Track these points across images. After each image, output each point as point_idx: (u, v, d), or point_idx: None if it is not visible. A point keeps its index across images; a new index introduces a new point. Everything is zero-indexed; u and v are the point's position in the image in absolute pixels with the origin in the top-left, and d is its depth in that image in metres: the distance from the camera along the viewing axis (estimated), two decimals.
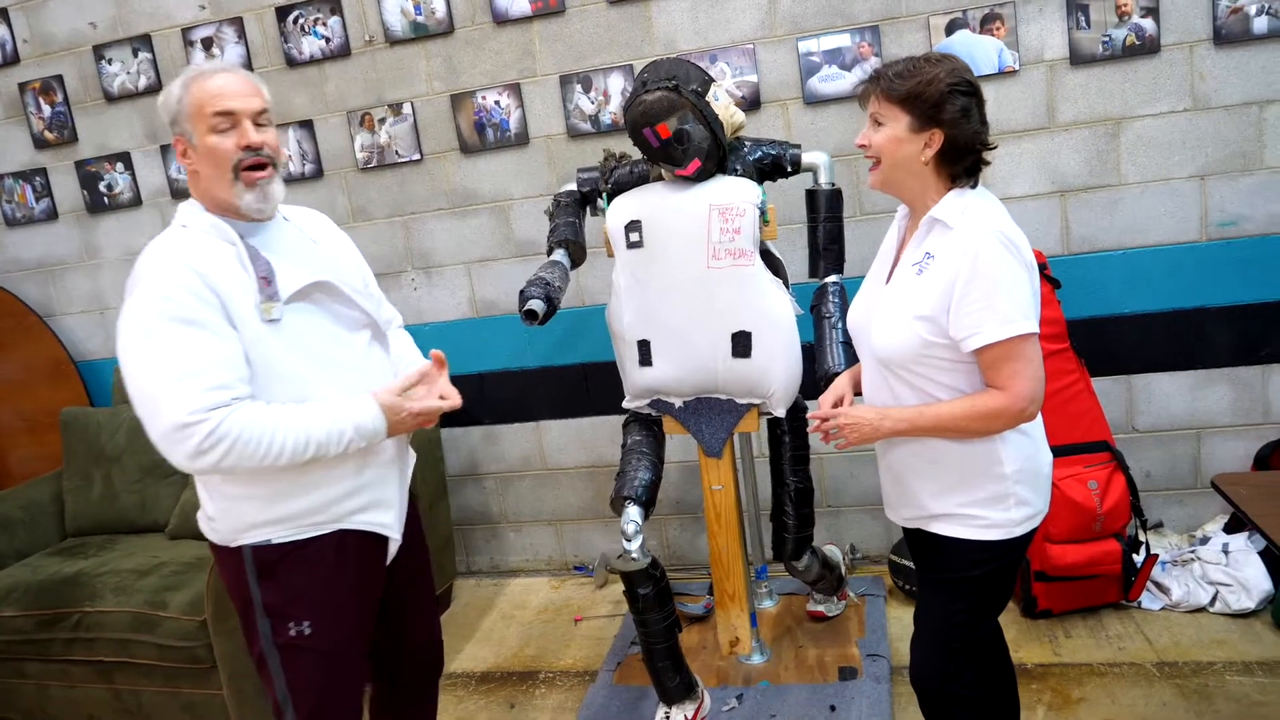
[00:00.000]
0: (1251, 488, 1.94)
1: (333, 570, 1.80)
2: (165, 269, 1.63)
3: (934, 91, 1.66)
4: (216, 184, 1.70)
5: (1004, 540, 1.76)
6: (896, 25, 3.00)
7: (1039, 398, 1.68)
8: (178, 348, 1.59)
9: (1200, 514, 3.14)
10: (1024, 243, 1.69)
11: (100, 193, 3.71)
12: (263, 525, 1.75)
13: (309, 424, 1.68)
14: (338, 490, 1.79)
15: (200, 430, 1.57)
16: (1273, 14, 2.78)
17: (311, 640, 1.79)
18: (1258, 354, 3.00)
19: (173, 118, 1.72)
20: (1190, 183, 2.94)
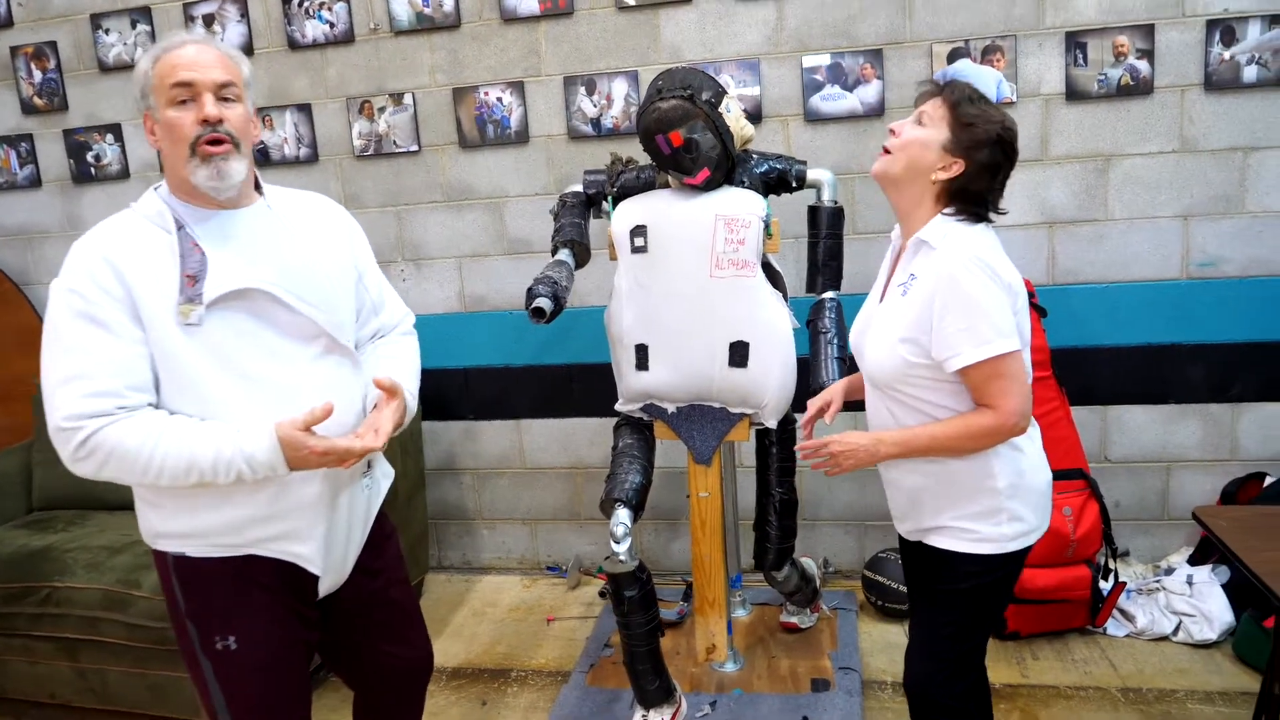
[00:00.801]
0: (1230, 521, 2.01)
1: (254, 591, 1.67)
2: (82, 259, 1.54)
3: (985, 130, 1.70)
4: (176, 160, 1.58)
5: (996, 555, 1.78)
6: (900, 50, 3.06)
7: (1027, 411, 1.72)
8: (72, 346, 1.51)
9: (1166, 545, 3.22)
10: (1003, 267, 1.70)
11: (87, 163, 3.65)
12: (175, 536, 1.64)
13: (194, 447, 1.52)
14: (245, 513, 1.63)
15: (75, 437, 1.49)
16: (1262, 64, 2.87)
17: (238, 656, 1.68)
18: (1229, 392, 3.09)
19: (141, 91, 1.61)
20: (1174, 222, 3.03)
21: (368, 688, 2.01)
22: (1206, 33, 2.88)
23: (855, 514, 3.40)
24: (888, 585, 3.10)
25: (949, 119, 1.72)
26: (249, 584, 1.67)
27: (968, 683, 1.90)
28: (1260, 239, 2.98)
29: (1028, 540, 1.81)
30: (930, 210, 1.76)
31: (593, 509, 3.57)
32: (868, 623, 3.13)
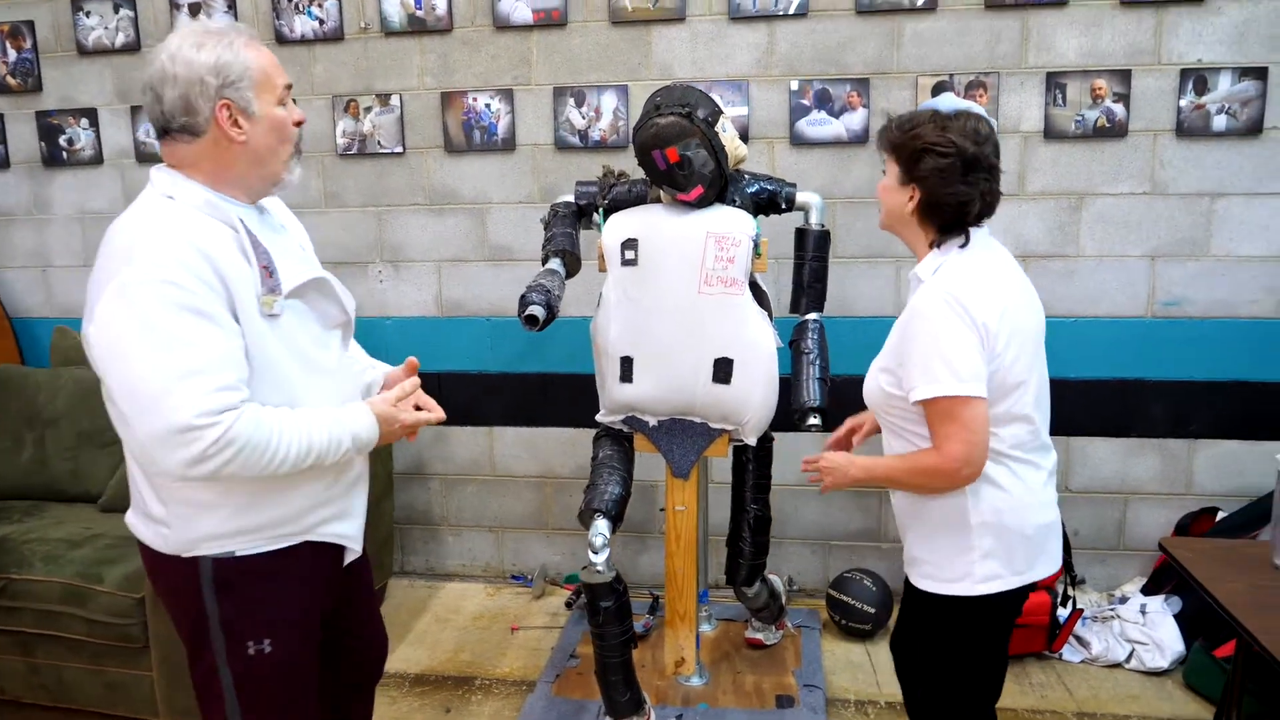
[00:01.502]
0: (1194, 552, 2.07)
1: (295, 584, 1.68)
2: (168, 248, 1.45)
3: (911, 147, 1.72)
4: (271, 157, 1.58)
5: (964, 598, 1.73)
6: (886, 80, 3.12)
7: (974, 461, 1.66)
8: (183, 341, 1.42)
9: (1120, 574, 3.31)
10: (981, 305, 1.66)
11: (59, 146, 3.58)
12: (226, 536, 1.59)
13: (310, 431, 1.55)
14: (309, 500, 1.65)
15: (207, 436, 1.42)
16: (1231, 114, 2.98)
17: (271, 658, 1.65)
18: (1187, 428, 3.18)
19: (231, 81, 1.52)
20: (1141, 261, 3.12)
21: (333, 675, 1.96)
22: (1180, 81, 2.99)
23: (820, 533, 3.44)
24: (852, 605, 3.14)
25: (887, 152, 1.78)
26: (292, 578, 1.67)
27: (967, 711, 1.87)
28: (1223, 282, 3.08)
29: (999, 586, 1.73)
30: (924, 240, 1.80)
31: (561, 519, 3.57)
32: (831, 641, 3.17)
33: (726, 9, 3.15)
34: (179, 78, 1.50)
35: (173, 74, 1.51)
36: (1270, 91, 2.95)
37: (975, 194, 1.72)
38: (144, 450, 1.47)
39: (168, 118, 1.53)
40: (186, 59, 1.51)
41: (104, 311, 1.45)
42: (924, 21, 3.08)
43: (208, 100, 1.51)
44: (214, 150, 1.55)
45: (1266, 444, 3.13)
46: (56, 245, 3.68)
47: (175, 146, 1.56)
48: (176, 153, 1.56)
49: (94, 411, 3.16)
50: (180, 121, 1.52)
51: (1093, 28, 3.00)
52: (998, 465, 1.73)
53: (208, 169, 1.56)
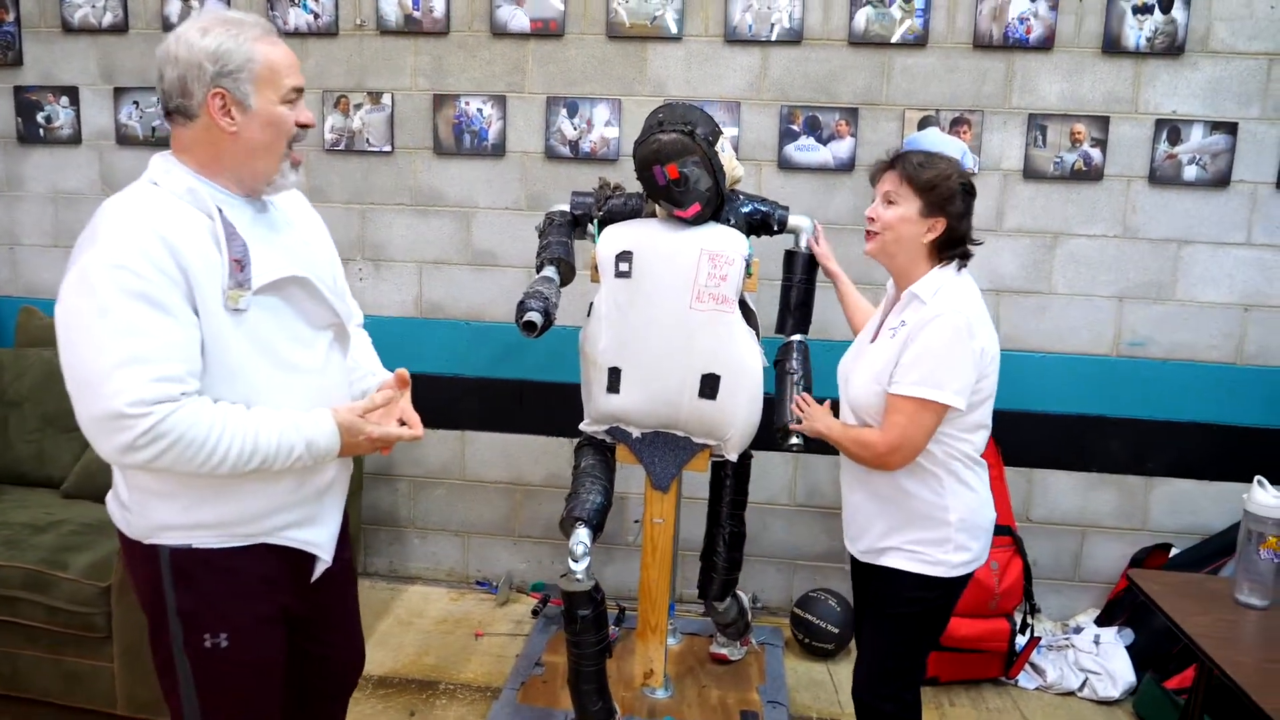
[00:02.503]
0: (1162, 585, 2.15)
1: (255, 584, 1.65)
2: (130, 233, 1.44)
3: (948, 186, 1.95)
4: (263, 153, 1.57)
5: (942, 579, 1.98)
6: (875, 111, 3.20)
7: (903, 451, 1.93)
8: (130, 328, 1.41)
9: (1074, 605, 3.39)
10: (982, 329, 1.92)
11: (36, 123, 3.51)
12: (183, 528, 1.57)
13: (257, 433, 1.52)
14: (269, 503, 1.63)
15: (139, 425, 1.40)
16: (1201, 165, 3.10)
17: (228, 654, 1.62)
18: (1144, 466, 3.29)
19: (228, 70, 1.51)
20: (1110, 302, 3.23)
21: (305, 683, 1.93)
22: (1155, 130, 3.10)
23: (786, 552, 3.49)
24: (816, 624, 3.19)
25: (912, 188, 1.95)
26: (253, 577, 1.64)
27: (910, 696, 2.08)
28: (1186, 325, 3.20)
29: (970, 568, 2.02)
30: (925, 266, 1.98)
31: (529, 527, 3.57)
32: (793, 659, 3.20)
33: (722, 31, 3.20)
34: (179, 59, 1.51)
35: (174, 55, 1.52)
36: (1239, 146, 3.08)
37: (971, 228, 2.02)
38: (87, 434, 1.47)
39: (167, 97, 1.54)
40: (189, 42, 1.51)
41: (63, 292, 1.46)
42: (913, 57, 3.16)
43: (202, 86, 1.51)
44: (206, 136, 1.55)
45: (1219, 484, 3.25)
46: (26, 224, 3.60)
47: (175, 129, 1.57)
48: (177, 136, 1.57)
49: (60, 395, 3.01)
50: (176, 103, 1.53)
51: (1075, 74, 3.11)
52: (969, 470, 2.00)
53: (200, 155, 1.56)
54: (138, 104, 3.46)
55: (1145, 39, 3.05)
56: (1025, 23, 3.08)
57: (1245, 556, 2.06)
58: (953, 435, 1.95)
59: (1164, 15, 3.03)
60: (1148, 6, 3.04)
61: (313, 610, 1.80)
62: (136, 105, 3.46)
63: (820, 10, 3.16)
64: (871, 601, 2.11)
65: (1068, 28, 3.09)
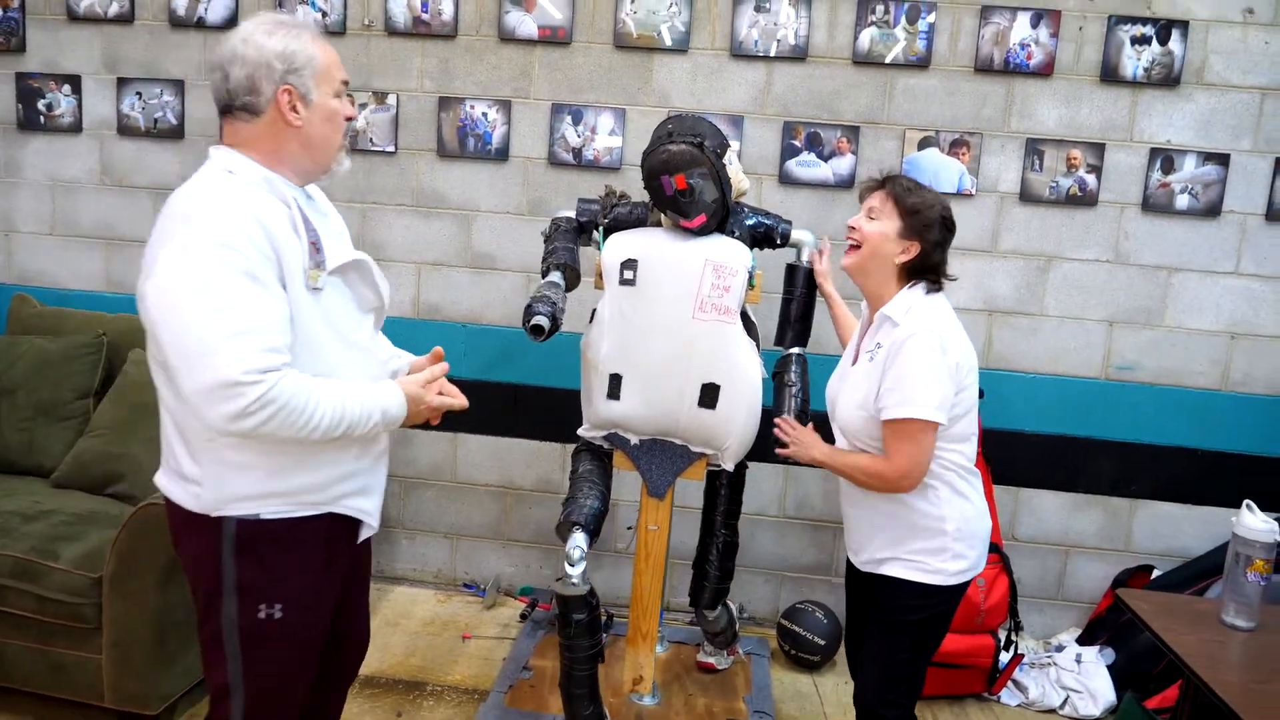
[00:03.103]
0: (1151, 605, 2.18)
1: (314, 553, 1.74)
2: (229, 215, 1.54)
3: (930, 214, 2.03)
4: (323, 145, 1.69)
5: (941, 586, 2.04)
6: (876, 130, 3.24)
7: (915, 476, 1.98)
8: (238, 302, 1.51)
9: (1057, 623, 3.44)
10: (955, 344, 1.98)
11: (37, 110, 3.49)
12: (255, 498, 1.66)
13: (345, 402, 1.64)
14: (336, 471, 1.73)
15: (252, 392, 1.50)
16: (1193, 195, 3.16)
17: (279, 625, 1.70)
18: (1129, 488, 3.34)
19: (295, 68, 1.62)
20: (1100, 325, 3.28)
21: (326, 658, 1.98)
22: (1149, 159, 3.16)
23: (774, 564, 3.51)
24: (803, 635, 3.21)
25: (896, 209, 2.03)
26: (313, 546, 1.73)
27: (911, 703, 2.12)
28: (1173, 351, 3.25)
29: (968, 576, 2.06)
30: (895, 288, 2.06)
31: (519, 531, 3.58)
32: (779, 670, 3.22)
33: (728, 45, 3.24)
34: (248, 59, 1.61)
35: (243, 54, 1.61)
36: (1231, 177, 3.14)
37: (947, 261, 2.09)
38: (190, 404, 1.55)
39: (232, 95, 1.63)
40: (258, 43, 1.62)
41: (164, 269, 1.54)
42: (916, 78, 3.21)
43: (271, 83, 1.62)
44: (271, 130, 1.65)
45: (1202, 508, 3.30)
46: (23, 211, 3.58)
47: (235, 125, 1.66)
48: (236, 131, 1.66)
49: (52, 383, 3.08)
50: (243, 100, 1.63)
51: (1073, 101, 3.17)
52: (963, 480, 2.05)
53: (264, 148, 1.66)
54: (140, 95, 3.45)
55: (1142, 69, 3.11)
56: (1026, 49, 3.14)
57: (1233, 578, 2.09)
58: (943, 448, 2.01)
59: (1161, 47, 3.10)
60: (1146, 38, 3.10)
61: (346, 584, 1.89)
62: (139, 96, 3.45)
63: (825, 29, 3.21)
64: (873, 611, 2.14)
65: (1067, 55, 3.14)
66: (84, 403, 3.10)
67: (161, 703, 2.54)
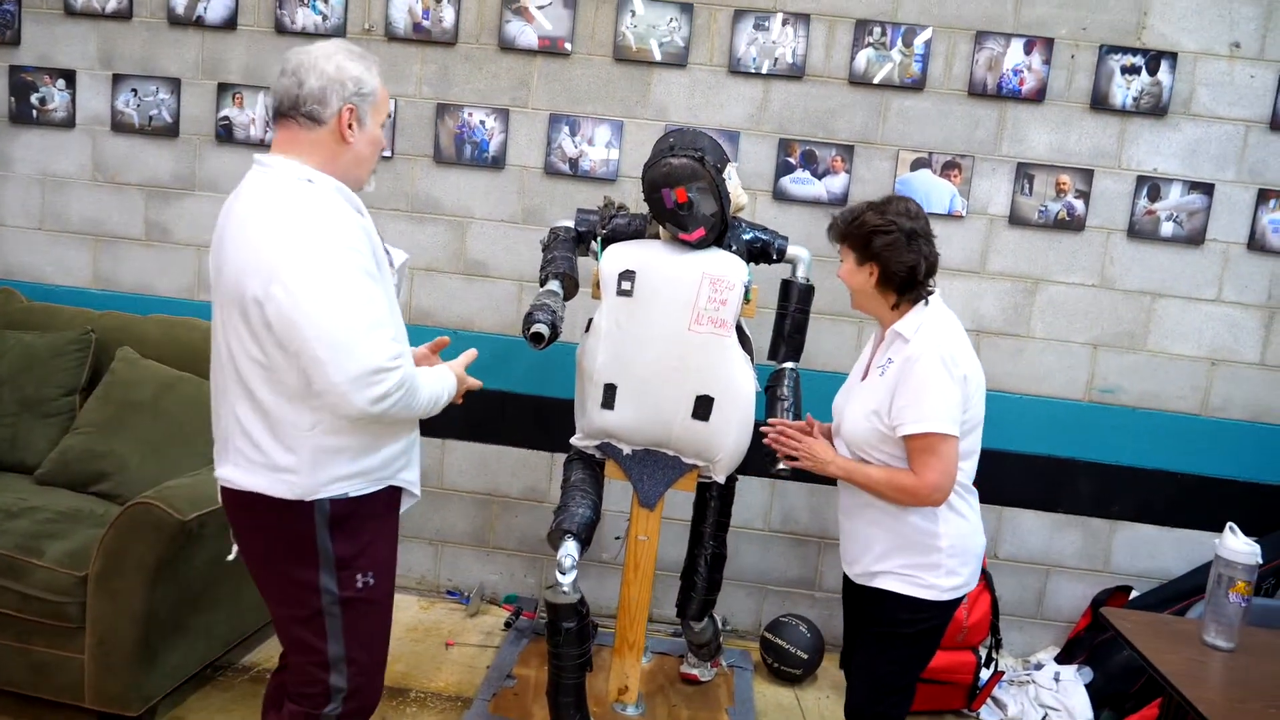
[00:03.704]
0: (1134, 624, 2.21)
1: (388, 523, 1.94)
2: (342, 220, 1.70)
3: (861, 232, 2.08)
4: (362, 165, 1.84)
5: (934, 601, 2.07)
6: (869, 150, 3.28)
7: (945, 488, 2.02)
8: (368, 298, 1.69)
9: (1036, 641, 3.47)
10: (964, 358, 2.04)
11: (30, 104, 3.47)
12: (345, 479, 1.81)
13: (431, 384, 1.85)
14: (397, 448, 1.89)
15: (393, 377, 1.68)
16: (1178, 223, 3.23)
17: (372, 592, 1.88)
18: (1109, 509, 3.39)
19: (362, 93, 1.78)
20: (1084, 348, 3.33)
21: None
22: (1136, 186, 3.23)
23: (758, 577, 3.53)
24: (786, 649, 3.22)
25: (844, 246, 2.13)
26: (385, 519, 1.92)
27: (899, 716, 2.16)
28: (1155, 375, 3.31)
29: (960, 592, 2.11)
30: (886, 306, 2.12)
31: (504, 538, 3.58)
32: (761, 684, 3.24)
33: (727, 61, 3.27)
34: (326, 73, 1.76)
35: (323, 69, 1.76)
36: (1215, 206, 3.21)
37: (920, 258, 2.08)
38: (337, 392, 1.68)
39: (301, 101, 1.75)
40: (339, 63, 1.78)
41: (300, 272, 1.66)
42: (910, 99, 3.25)
43: (340, 99, 1.76)
44: (328, 141, 1.78)
45: (1179, 531, 3.36)
46: (12, 205, 3.55)
47: (293, 129, 1.77)
48: (293, 135, 1.78)
49: (39, 379, 3.05)
50: (310, 108, 1.75)
51: (1063, 127, 3.22)
52: (959, 498, 2.10)
53: (318, 157, 1.77)
54: (136, 92, 3.44)
55: (1132, 98, 3.18)
56: (1019, 74, 3.20)
57: (1214, 599, 2.13)
58: None
59: (1150, 77, 3.16)
60: (1135, 68, 3.16)
61: None
62: (135, 93, 3.44)
63: (823, 49, 3.25)
64: (865, 623, 2.17)
65: (1059, 82, 3.20)
66: (70, 399, 3.07)
67: (143, 704, 2.51)
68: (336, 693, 1.88)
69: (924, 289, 2.09)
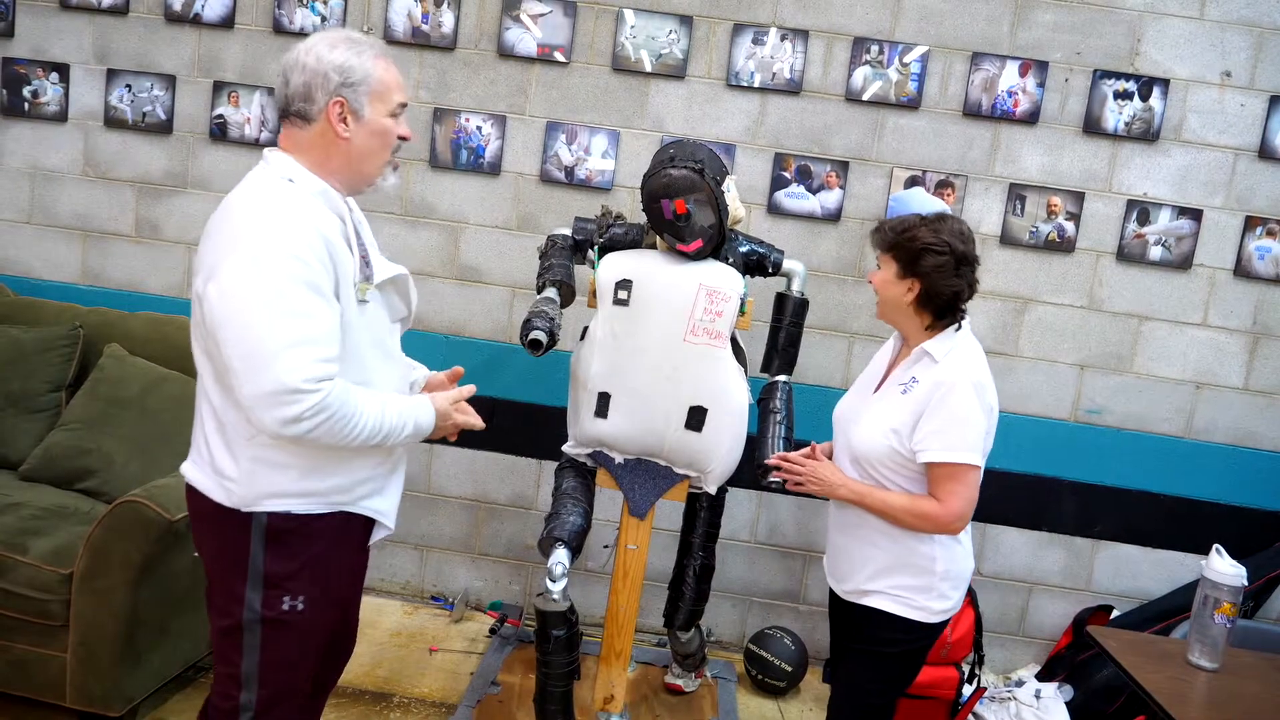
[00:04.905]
0: (1121, 641, 2.24)
1: (336, 549, 1.80)
2: (296, 226, 1.61)
3: (911, 247, 2.01)
4: (369, 159, 1.74)
5: (923, 624, 2.06)
6: (864, 166, 3.31)
7: (967, 517, 2.02)
8: (302, 312, 1.59)
9: (1017, 659, 3.50)
10: (991, 389, 2.04)
11: (22, 96, 3.44)
12: (290, 496, 1.72)
13: (384, 412, 1.72)
14: (362, 474, 1.80)
15: (308, 400, 1.57)
16: (1166, 247, 3.27)
17: (300, 616, 1.76)
18: (1092, 528, 3.42)
19: (350, 82, 1.68)
20: (1071, 369, 3.36)
21: None
22: (1126, 210, 3.27)
23: (743, 588, 3.53)
24: (770, 661, 3.23)
25: (885, 252, 2.05)
26: (333, 544, 1.79)
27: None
28: (1141, 397, 3.35)
29: (948, 615, 2.10)
30: (919, 325, 2.07)
31: (490, 545, 3.57)
32: (745, 695, 3.24)
33: (725, 75, 3.29)
34: (307, 67, 1.68)
35: (303, 63, 1.68)
36: (1203, 232, 3.25)
37: (964, 285, 2.06)
38: (246, 406, 1.61)
39: (289, 100, 1.71)
40: (318, 54, 1.69)
41: (233, 274, 1.59)
42: (905, 118, 3.28)
43: (325, 93, 1.68)
44: (320, 140, 1.71)
45: (1161, 552, 3.39)
46: (0, 197, 3.52)
47: (290, 129, 1.73)
48: (291, 136, 1.73)
49: (25, 374, 3.02)
50: (297, 106, 1.70)
51: (1055, 149, 3.26)
52: None
53: (313, 156, 1.72)
54: (130, 87, 3.42)
55: (1124, 123, 3.22)
56: (1013, 96, 3.23)
57: (1200, 620, 2.16)
58: None
59: (1142, 102, 3.20)
60: (1128, 93, 3.21)
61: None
62: (129, 89, 3.42)
63: (820, 65, 3.27)
64: (852, 640, 2.16)
65: (1053, 105, 3.24)
66: (56, 395, 3.04)
67: (125, 704, 2.49)
68: (244, 711, 1.78)
69: (960, 314, 2.07)
